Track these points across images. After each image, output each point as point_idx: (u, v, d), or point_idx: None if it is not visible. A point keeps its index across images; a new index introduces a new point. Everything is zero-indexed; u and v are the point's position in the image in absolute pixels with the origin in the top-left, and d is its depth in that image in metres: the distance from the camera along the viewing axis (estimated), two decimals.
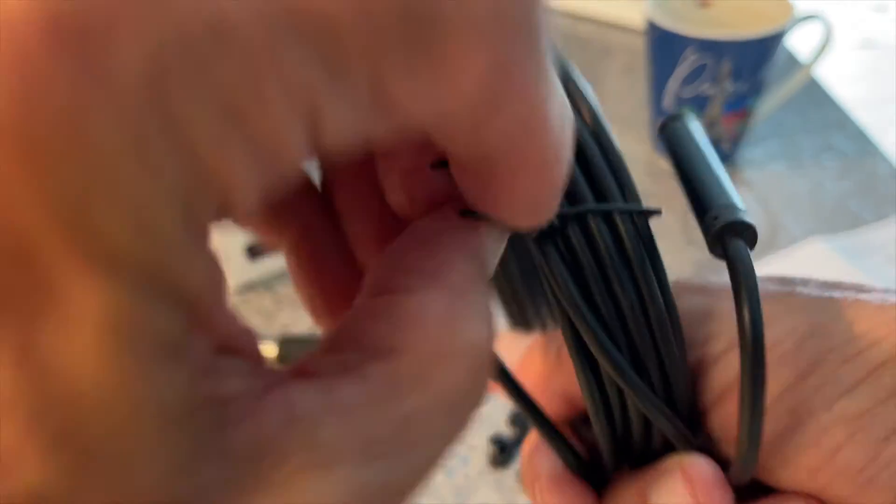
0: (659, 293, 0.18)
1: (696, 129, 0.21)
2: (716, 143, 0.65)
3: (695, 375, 0.20)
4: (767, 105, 0.65)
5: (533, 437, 0.23)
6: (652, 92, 0.64)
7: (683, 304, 0.20)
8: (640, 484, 0.20)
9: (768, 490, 0.20)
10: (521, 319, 0.28)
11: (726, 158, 0.66)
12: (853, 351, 0.18)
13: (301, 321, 0.57)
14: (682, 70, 0.60)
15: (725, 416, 0.20)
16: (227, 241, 0.54)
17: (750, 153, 0.68)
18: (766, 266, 0.56)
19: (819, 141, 0.69)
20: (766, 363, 0.17)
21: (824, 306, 0.19)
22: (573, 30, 0.85)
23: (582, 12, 0.88)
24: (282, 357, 0.54)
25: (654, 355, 0.19)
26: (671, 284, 0.21)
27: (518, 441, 0.48)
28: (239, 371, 0.11)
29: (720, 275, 0.20)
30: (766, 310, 0.19)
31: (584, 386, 0.19)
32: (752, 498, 0.20)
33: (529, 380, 0.23)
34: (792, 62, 0.76)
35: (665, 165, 0.66)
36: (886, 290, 0.20)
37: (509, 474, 0.47)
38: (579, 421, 0.24)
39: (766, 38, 0.58)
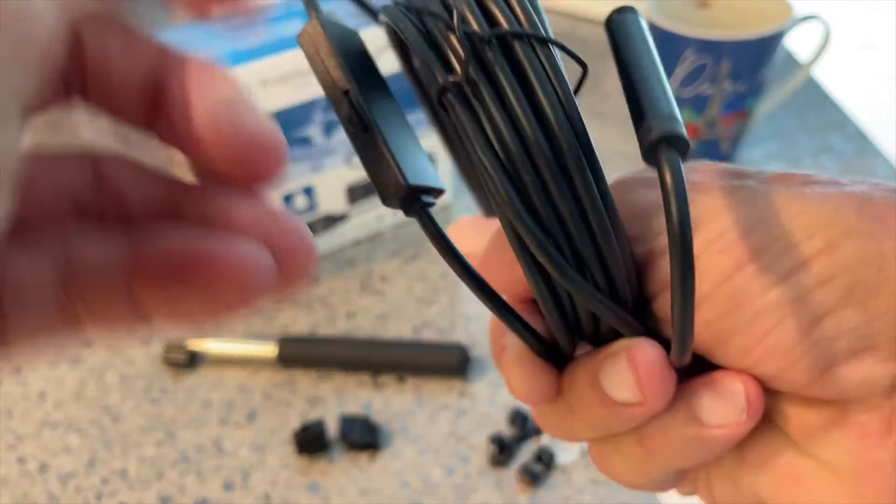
0: (595, 189, 0.19)
1: (644, 26, 0.21)
2: (715, 144, 0.65)
3: (644, 265, 0.21)
4: (766, 105, 0.65)
5: None
6: None
7: (636, 197, 0.22)
8: (592, 366, 0.22)
9: (711, 366, 0.22)
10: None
11: (725, 159, 0.66)
12: (789, 243, 0.20)
13: (301, 321, 0.57)
14: (681, 70, 0.60)
15: (669, 304, 0.21)
16: None
17: (749, 153, 0.68)
18: None
19: (818, 141, 0.69)
20: (695, 265, 0.17)
21: (769, 200, 0.20)
22: (573, 30, 0.85)
23: (582, 13, 0.89)
24: (282, 357, 0.54)
25: (593, 250, 0.19)
26: (626, 179, 0.22)
27: (518, 440, 0.48)
28: None
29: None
30: (715, 203, 0.21)
31: (530, 281, 0.20)
32: (696, 373, 0.21)
33: (497, 264, 0.23)
34: (791, 62, 0.76)
35: None
36: (834, 182, 0.21)
37: (509, 474, 0.47)
38: None
39: (766, 39, 0.58)
